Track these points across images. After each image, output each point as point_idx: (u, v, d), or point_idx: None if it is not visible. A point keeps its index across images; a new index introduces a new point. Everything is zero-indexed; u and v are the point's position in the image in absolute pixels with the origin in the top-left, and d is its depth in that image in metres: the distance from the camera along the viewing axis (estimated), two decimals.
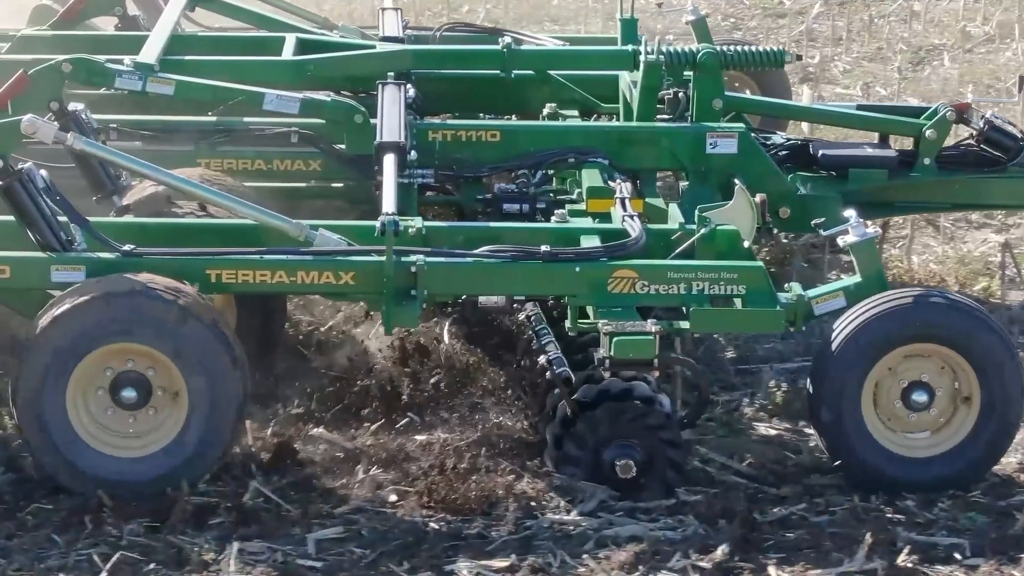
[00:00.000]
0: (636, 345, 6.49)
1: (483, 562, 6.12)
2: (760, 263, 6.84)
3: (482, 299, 6.91)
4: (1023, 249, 9.57)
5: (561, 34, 11.36)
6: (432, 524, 6.40)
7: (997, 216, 10.06)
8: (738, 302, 6.75)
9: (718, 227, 6.95)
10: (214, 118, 8.26)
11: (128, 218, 7.23)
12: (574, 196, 8.14)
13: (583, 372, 6.79)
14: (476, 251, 6.78)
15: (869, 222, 6.88)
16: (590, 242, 6.98)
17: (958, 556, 6.20)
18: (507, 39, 9.23)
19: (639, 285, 6.71)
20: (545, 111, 9.01)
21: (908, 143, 8.60)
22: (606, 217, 7.55)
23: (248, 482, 6.66)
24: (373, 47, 8.99)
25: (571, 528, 6.36)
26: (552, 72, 9.20)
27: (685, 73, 8.57)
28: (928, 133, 8.41)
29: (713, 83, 8.46)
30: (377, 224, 6.59)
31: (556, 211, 7.46)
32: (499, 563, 6.11)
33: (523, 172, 8.24)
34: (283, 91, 8.15)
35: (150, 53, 8.16)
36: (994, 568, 6.13)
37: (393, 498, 6.58)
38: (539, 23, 14.56)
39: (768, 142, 8.55)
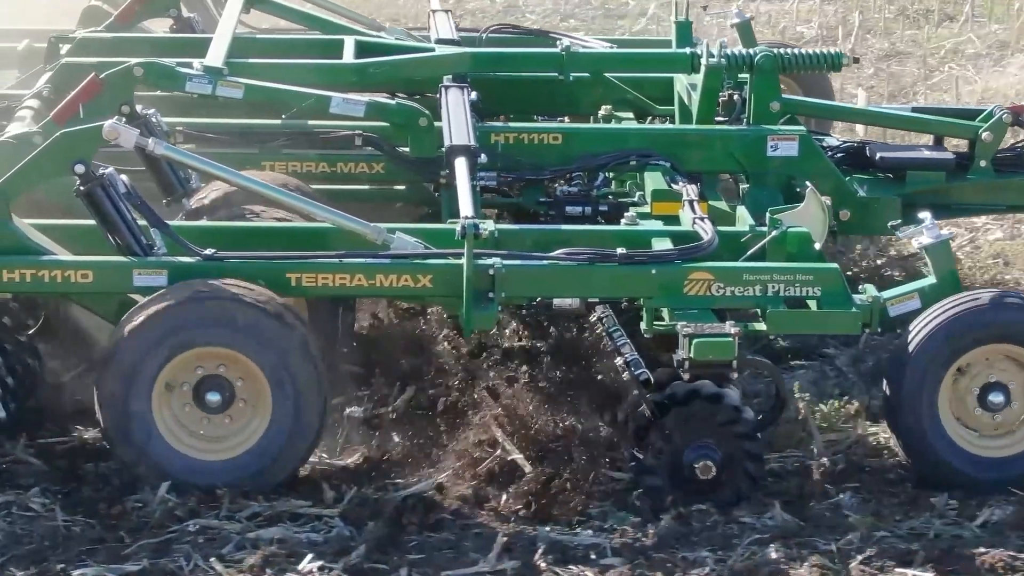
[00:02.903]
0: (716, 347, 6.55)
1: (114, 566, 6.11)
2: (835, 265, 6.90)
3: (556, 301, 6.96)
4: None
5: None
6: (75, 528, 6.39)
7: None
8: (812, 304, 6.81)
9: (789, 229, 7.01)
10: (279, 121, 8.31)
11: (202, 222, 7.29)
12: (635, 199, 8.19)
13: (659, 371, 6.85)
14: (552, 253, 6.83)
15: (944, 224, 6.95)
16: (661, 244, 7.03)
17: (594, 556, 6.23)
18: (565, 41, 9.27)
19: (715, 287, 6.76)
20: (600, 113, 9.06)
21: (963, 145, 8.66)
22: (670, 220, 7.60)
23: None
24: (432, 49, 9.02)
25: (215, 532, 6.37)
26: (607, 74, 9.24)
27: (740, 76, 8.64)
28: (984, 135, 8.45)
29: (770, 86, 8.50)
30: (457, 227, 6.65)
31: (626, 214, 7.50)
32: (131, 567, 6.10)
33: (578, 174, 8.32)
34: (348, 94, 8.20)
35: (216, 56, 8.20)
36: (628, 569, 6.16)
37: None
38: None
39: (823, 144, 8.61)
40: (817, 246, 7.03)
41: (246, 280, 6.62)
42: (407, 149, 8.25)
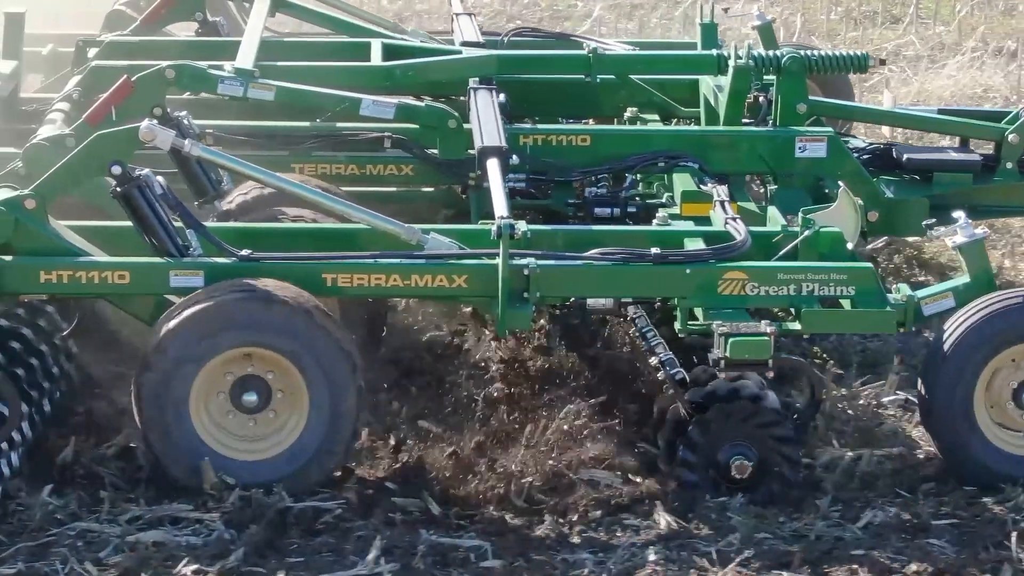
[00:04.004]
0: (752, 346, 6.57)
1: None
2: (870, 264, 6.92)
3: (590, 301, 6.98)
4: None
5: None
6: None
7: None
8: (846, 303, 6.83)
9: (822, 229, 7.03)
10: (308, 123, 8.34)
11: (236, 223, 7.32)
12: (663, 200, 8.21)
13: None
14: (586, 254, 6.85)
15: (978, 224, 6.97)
16: (694, 245, 7.05)
17: (474, 558, 6.25)
18: (591, 44, 9.30)
19: (749, 287, 6.78)
20: (626, 115, 9.08)
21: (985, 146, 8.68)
22: (700, 221, 7.61)
23: None
24: (459, 52, 9.05)
25: (96, 535, 6.35)
26: (632, 76, 9.26)
27: (766, 77, 8.67)
28: (1011, 137, 8.47)
29: (797, 87, 8.54)
30: (492, 227, 6.67)
31: (658, 214, 7.52)
32: (6, 570, 6.06)
33: (603, 176, 8.34)
34: (378, 96, 8.23)
35: (246, 59, 8.22)
36: (507, 572, 6.17)
37: None
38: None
39: (849, 145, 8.63)
40: (849, 246, 7.06)
41: (282, 280, 6.65)
42: (435, 151, 8.27)
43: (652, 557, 6.22)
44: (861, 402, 7.64)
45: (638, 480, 6.82)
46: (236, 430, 6.66)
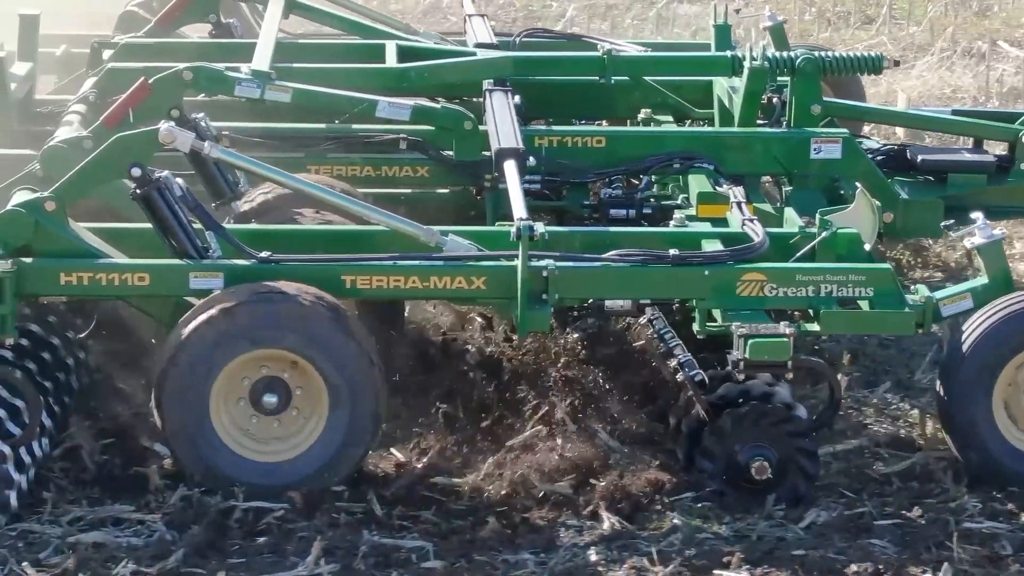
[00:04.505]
0: (772, 347, 6.58)
1: None
2: (888, 265, 6.94)
3: (608, 303, 6.99)
4: None
5: None
6: None
7: None
8: (864, 304, 6.85)
9: (839, 230, 7.04)
10: (324, 125, 8.35)
11: (253, 224, 7.33)
12: (678, 201, 8.22)
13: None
14: (605, 255, 6.86)
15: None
16: (711, 246, 7.06)
17: (415, 559, 6.25)
18: (606, 45, 9.31)
19: (767, 288, 6.79)
20: (640, 116, 9.09)
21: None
22: (716, 222, 7.61)
23: None
24: (473, 54, 9.05)
25: (36, 536, 6.35)
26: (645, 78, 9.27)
27: (780, 79, 8.69)
28: None
29: (811, 88, 8.56)
30: (512, 229, 6.68)
31: (675, 215, 7.53)
32: None
33: (616, 177, 8.35)
34: (392, 98, 8.24)
35: (262, 61, 8.23)
36: (448, 573, 6.18)
37: None
38: None
39: (863, 146, 8.63)
40: (867, 247, 7.07)
41: (301, 282, 6.66)
42: (450, 153, 8.29)
43: (594, 557, 6.23)
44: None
45: (593, 481, 6.83)
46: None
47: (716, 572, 6.17)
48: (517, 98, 8.42)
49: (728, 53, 9.12)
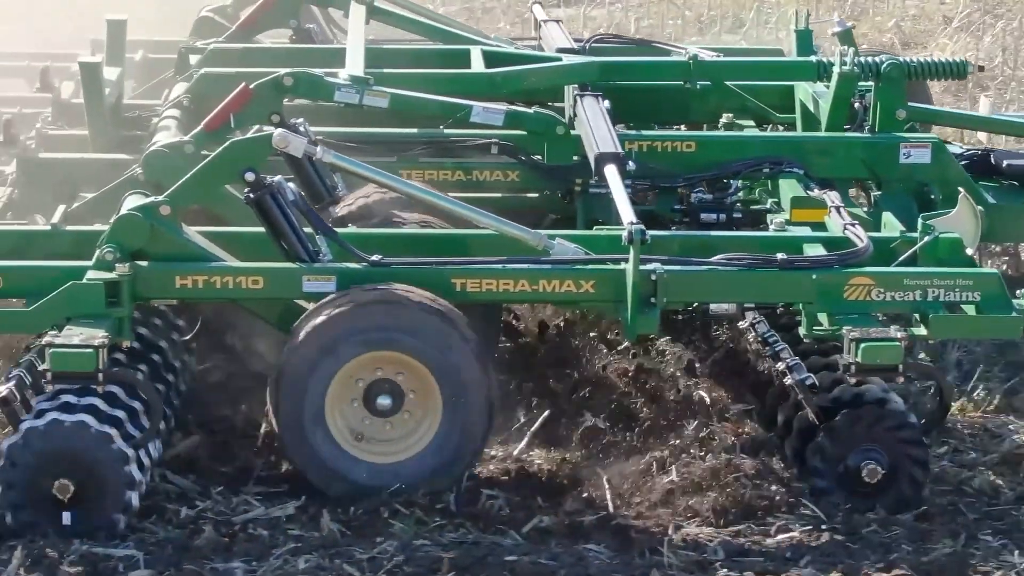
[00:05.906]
0: (884, 351, 6.61)
1: None
2: (995, 270, 6.97)
3: (713, 306, 7.04)
4: None
5: None
6: None
7: None
8: (969, 309, 6.88)
9: (941, 235, 7.08)
10: (416, 130, 8.40)
11: (361, 228, 7.39)
12: (768, 206, 8.27)
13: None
14: (712, 259, 6.90)
15: None
16: (813, 251, 7.10)
17: (123, 568, 6.16)
18: (692, 50, 9.35)
19: (875, 292, 6.82)
20: (722, 121, 9.14)
21: None
22: (812, 227, 7.65)
23: None
24: (557, 59, 9.09)
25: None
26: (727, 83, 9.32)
27: (863, 84, 8.73)
28: None
29: (897, 94, 8.60)
30: (623, 233, 6.72)
31: (774, 220, 7.57)
32: None
33: (700, 182, 8.39)
34: (485, 103, 8.29)
35: (355, 67, 8.28)
36: None
37: None
38: None
39: None
40: (969, 251, 7.10)
41: (412, 285, 6.71)
42: (538, 157, 8.33)
43: (303, 565, 6.20)
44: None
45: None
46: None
47: None
48: (607, 103, 8.46)
49: (813, 58, 9.15)
